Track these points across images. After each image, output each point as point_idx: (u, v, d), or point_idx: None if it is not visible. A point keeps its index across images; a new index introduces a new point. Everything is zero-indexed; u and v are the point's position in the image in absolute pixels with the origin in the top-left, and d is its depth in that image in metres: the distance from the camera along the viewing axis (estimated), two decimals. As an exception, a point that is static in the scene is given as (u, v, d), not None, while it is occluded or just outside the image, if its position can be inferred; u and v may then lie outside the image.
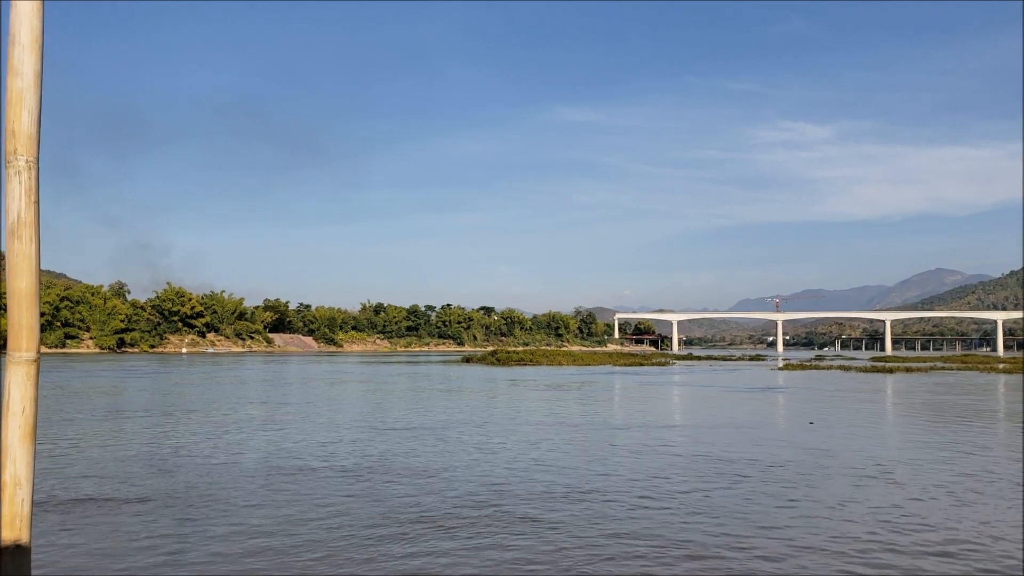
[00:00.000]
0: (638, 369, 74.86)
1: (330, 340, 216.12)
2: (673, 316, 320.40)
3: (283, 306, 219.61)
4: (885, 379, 56.58)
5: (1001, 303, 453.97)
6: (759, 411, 29.80)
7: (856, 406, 32.40)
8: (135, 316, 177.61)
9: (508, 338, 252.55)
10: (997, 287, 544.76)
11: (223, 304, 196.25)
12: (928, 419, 26.65)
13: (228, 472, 15.11)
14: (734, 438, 20.89)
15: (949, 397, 37.55)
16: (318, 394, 38.20)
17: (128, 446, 18.75)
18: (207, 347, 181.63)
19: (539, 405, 32.10)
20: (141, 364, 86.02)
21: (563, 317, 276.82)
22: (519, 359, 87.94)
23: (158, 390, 41.03)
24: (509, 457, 17.38)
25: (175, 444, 19.10)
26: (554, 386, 45.73)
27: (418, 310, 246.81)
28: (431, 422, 24.85)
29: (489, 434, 21.77)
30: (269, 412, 27.93)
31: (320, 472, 15.33)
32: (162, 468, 15.55)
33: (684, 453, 18.12)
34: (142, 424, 23.58)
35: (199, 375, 59.70)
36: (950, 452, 18.46)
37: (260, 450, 18.24)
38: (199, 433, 21.54)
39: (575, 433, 22.06)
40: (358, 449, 18.60)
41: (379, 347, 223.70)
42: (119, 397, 35.69)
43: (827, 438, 21.00)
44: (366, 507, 12.10)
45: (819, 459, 17.18)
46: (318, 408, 29.86)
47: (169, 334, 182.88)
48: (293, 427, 23.15)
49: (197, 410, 28.42)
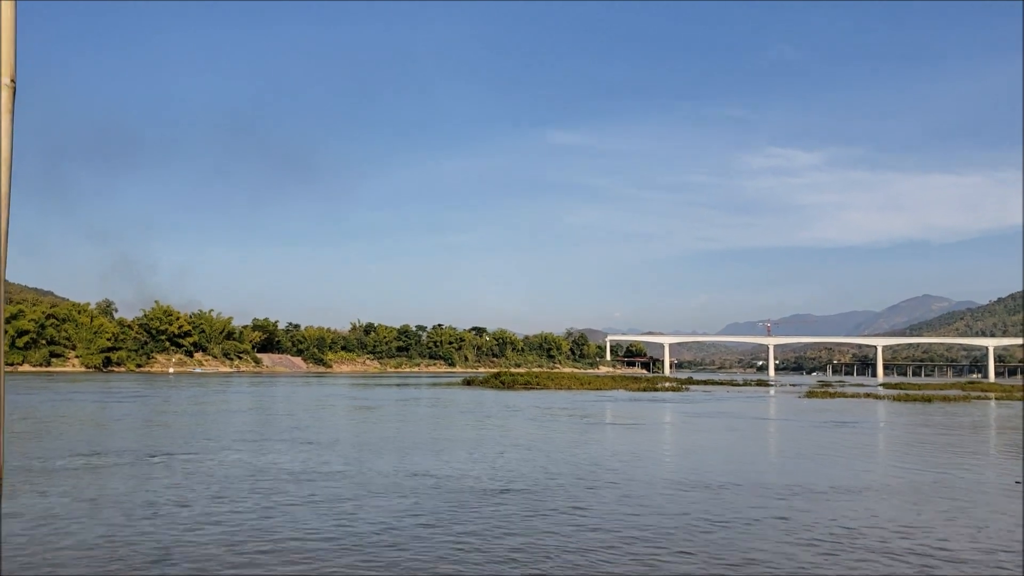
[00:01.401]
0: (656, 395, 72.05)
1: (319, 360, 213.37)
2: (664, 339, 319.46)
3: (272, 325, 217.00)
4: (940, 409, 53.97)
5: (990, 330, 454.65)
6: (915, 462, 24.46)
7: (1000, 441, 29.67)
8: (122, 335, 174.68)
9: (500, 359, 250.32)
10: (985, 314, 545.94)
11: (211, 323, 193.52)
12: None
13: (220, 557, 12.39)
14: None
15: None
16: (322, 428, 34.71)
17: (94, 517, 14.77)
18: (194, 367, 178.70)
19: (636, 452, 26.97)
20: (125, 385, 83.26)
21: (555, 338, 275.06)
22: (524, 382, 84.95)
23: (139, 421, 37.37)
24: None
25: (154, 513, 15.15)
26: (595, 418, 42.47)
27: (409, 330, 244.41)
28: (530, 474, 21.53)
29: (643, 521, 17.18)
30: (267, 459, 24.78)
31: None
32: (140, 557, 12.60)
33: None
34: (115, 477, 19.72)
35: (184, 399, 56.40)
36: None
37: (263, 528, 14.91)
38: (183, 489, 18.37)
39: (756, 505, 16.51)
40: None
41: (369, 368, 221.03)
42: (93, 431, 32.02)
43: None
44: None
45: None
46: (328, 452, 26.50)
47: (156, 353, 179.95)
48: (305, 485, 19.71)
49: (179, 451, 24.99)
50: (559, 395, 68.02)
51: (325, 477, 19.71)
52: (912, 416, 47.25)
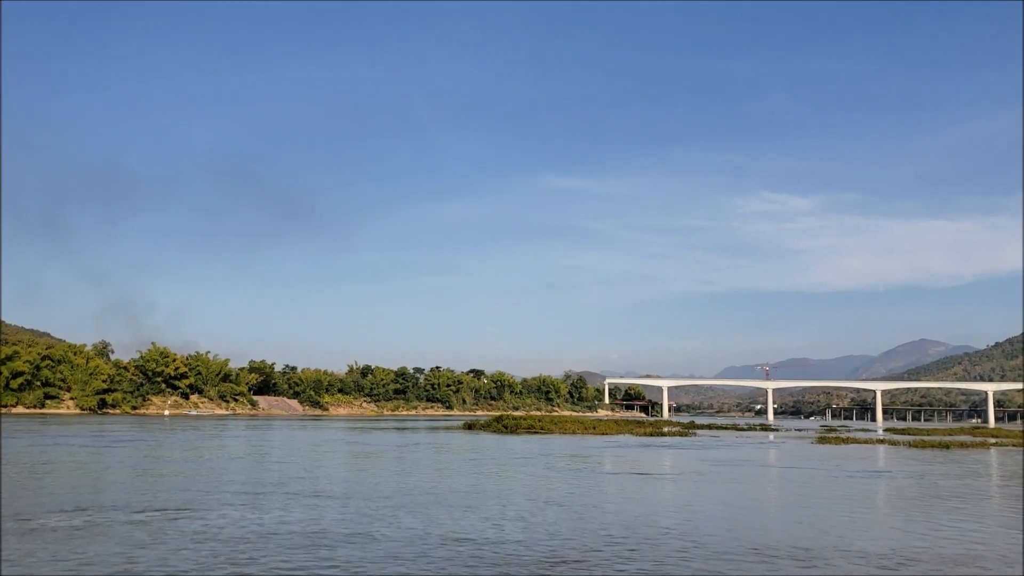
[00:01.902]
0: (666, 440, 70.41)
1: (316, 403, 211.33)
2: (663, 382, 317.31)
3: (268, 368, 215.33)
4: (967, 457, 52.29)
5: (988, 374, 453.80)
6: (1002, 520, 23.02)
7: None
8: (118, 376, 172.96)
9: (498, 402, 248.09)
10: (983, 358, 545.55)
11: (208, 365, 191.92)
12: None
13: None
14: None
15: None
16: (328, 478, 32.81)
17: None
18: (190, 409, 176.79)
19: (684, 508, 25.40)
20: (120, 428, 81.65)
21: (553, 381, 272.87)
22: (528, 426, 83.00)
23: (130, 469, 35.36)
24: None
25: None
26: (617, 468, 40.64)
27: (406, 372, 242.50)
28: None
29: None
30: (272, 516, 22.79)
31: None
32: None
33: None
34: (99, 541, 17.91)
35: (179, 444, 54.48)
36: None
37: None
38: (178, 559, 16.66)
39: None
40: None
41: (365, 411, 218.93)
42: (80, 481, 30.11)
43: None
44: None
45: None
46: (341, 507, 24.45)
47: (152, 395, 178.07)
48: (322, 551, 17.78)
49: (172, 507, 23.18)
50: (565, 440, 66.46)
51: (344, 541, 17.74)
52: (945, 465, 45.48)
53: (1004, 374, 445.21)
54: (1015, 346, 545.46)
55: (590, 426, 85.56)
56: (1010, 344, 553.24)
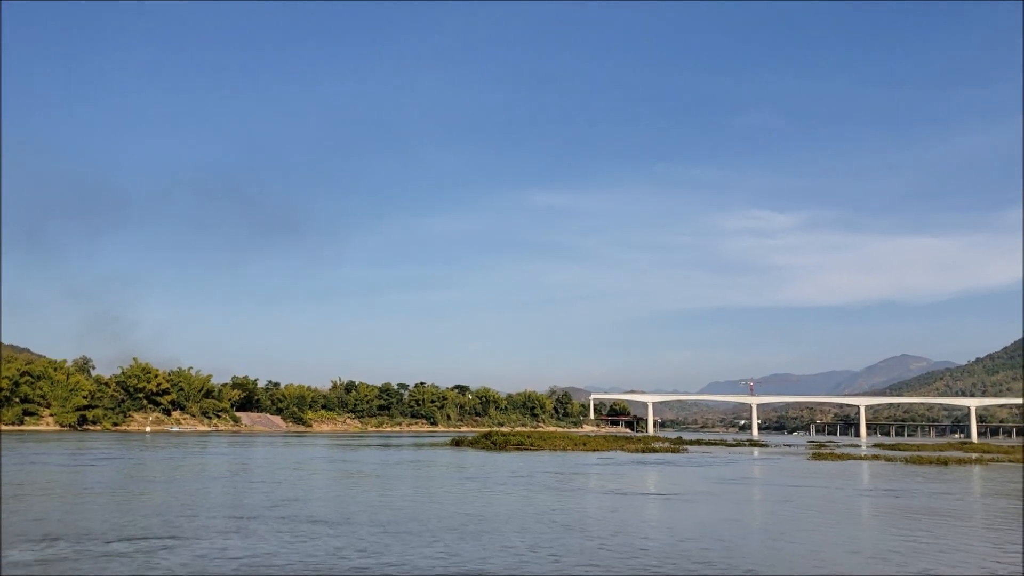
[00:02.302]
0: (661, 457, 69.37)
1: (299, 419, 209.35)
2: (648, 397, 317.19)
3: (251, 384, 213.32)
4: (970, 473, 51.29)
5: (969, 390, 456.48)
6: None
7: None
8: (99, 392, 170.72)
9: (483, 418, 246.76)
10: (964, 374, 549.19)
11: (190, 381, 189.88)
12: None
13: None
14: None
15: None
16: (322, 501, 31.04)
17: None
18: (172, 425, 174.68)
19: (713, 535, 23.07)
20: (99, 445, 79.82)
21: (539, 397, 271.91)
22: (517, 443, 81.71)
23: (108, 491, 33.38)
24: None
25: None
26: (622, 487, 39.12)
27: (390, 388, 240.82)
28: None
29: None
30: (263, 548, 21.10)
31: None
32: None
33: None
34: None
35: (160, 463, 52.57)
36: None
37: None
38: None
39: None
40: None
41: (349, 427, 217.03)
42: (54, 506, 28.17)
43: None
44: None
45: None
46: (340, 536, 22.73)
47: (133, 411, 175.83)
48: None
49: (152, 535, 21.46)
50: (557, 457, 65.10)
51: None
52: (952, 483, 44.36)
53: (985, 389, 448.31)
54: (996, 361, 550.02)
55: (579, 442, 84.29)
56: (991, 360, 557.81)
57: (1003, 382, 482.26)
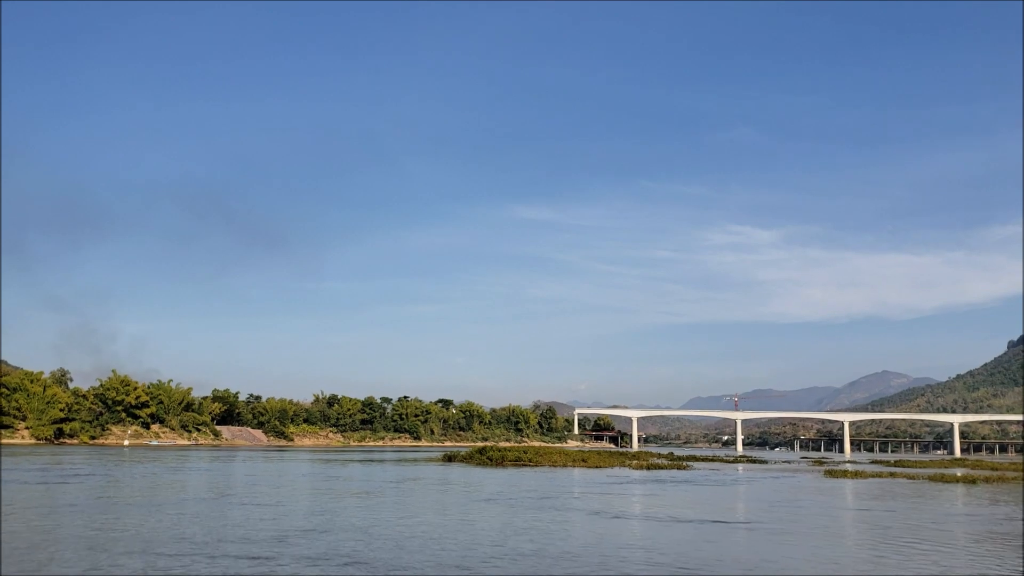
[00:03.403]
0: (675, 475, 66.58)
1: (281, 434, 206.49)
2: (632, 413, 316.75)
3: (232, 397, 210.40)
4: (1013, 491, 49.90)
5: (951, 406, 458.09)
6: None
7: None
8: (76, 405, 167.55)
9: (467, 432, 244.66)
10: (945, 390, 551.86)
11: (170, 394, 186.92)
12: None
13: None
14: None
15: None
16: (326, 530, 28.53)
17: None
18: (151, 439, 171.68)
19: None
20: (75, 460, 77.37)
21: (523, 411, 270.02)
22: (515, 458, 79.03)
23: (78, 516, 31.07)
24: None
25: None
26: (666, 512, 35.45)
27: (373, 402, 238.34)
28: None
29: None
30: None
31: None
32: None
33: None
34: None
35: (137, 480, 49.92)
36: None
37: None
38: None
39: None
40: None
41: (331, 441, 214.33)
42: (11, 537, 25.53)
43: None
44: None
45: None
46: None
47: (111, 424, 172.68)
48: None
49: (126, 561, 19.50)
50: (563, 474, 63.14)
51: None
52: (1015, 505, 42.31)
53: (966, 406, 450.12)
54: (976, 378, 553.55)
55: (577, 458, 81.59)
56: (971, 376, 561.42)
57: (983, 399, 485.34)
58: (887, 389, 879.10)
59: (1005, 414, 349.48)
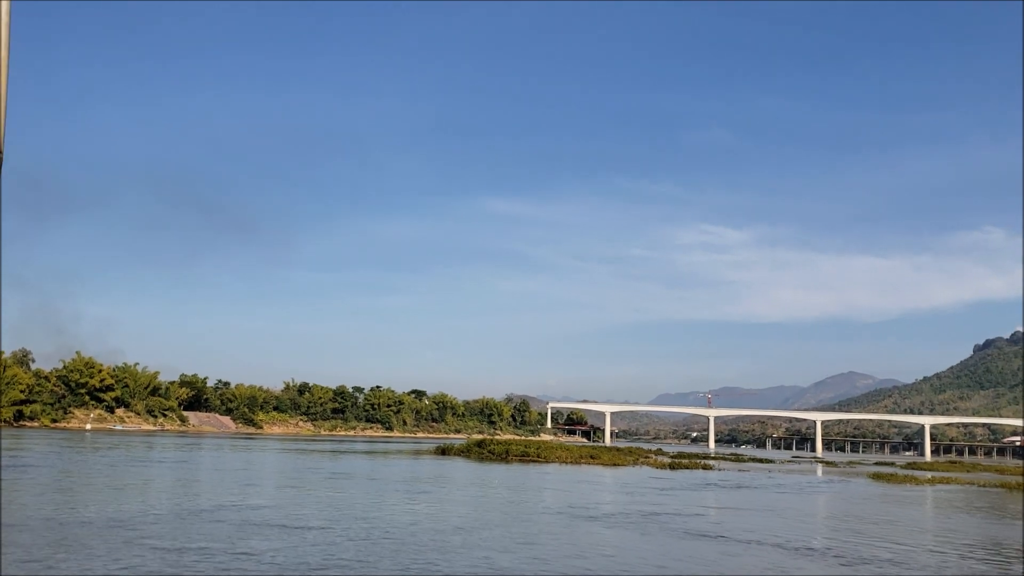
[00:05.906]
0: (707, 477, 62.36)
1: (249, 421, 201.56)
2: (605, 407, 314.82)
3: (200, 382, 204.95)
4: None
5: (917, 408, 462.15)
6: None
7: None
8: (37, 387, 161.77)
9: (440, 424, 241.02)
10: (912, 392, 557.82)
11: (136, 377, 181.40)
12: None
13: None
14: None
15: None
16: (322, 535, 25.01)
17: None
18: (115, 423, 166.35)
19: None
20: (33, 444, 72.84)
21: (496, 404, 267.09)
22: (520, 453, 73.52)
23: (30, 512, 27.36)
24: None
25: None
26: (741, 533, 30.95)
27: (345, 391, 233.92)
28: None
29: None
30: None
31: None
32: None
33: None
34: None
35: (99, 469, 45.95)
36: None
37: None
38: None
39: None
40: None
41: (302, 430, 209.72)
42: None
43: None
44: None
45: None
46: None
47: (74, 408, 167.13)
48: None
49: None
50: (591, 475, 57.83)
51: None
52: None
53: (933, 408, 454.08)
54: (943, 380, 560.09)
55: (586, 454, 76.30)
56: (938, 379, 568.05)
57: (950, 401, 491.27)
58: (853, 390, 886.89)
59: (973, 416, 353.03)
